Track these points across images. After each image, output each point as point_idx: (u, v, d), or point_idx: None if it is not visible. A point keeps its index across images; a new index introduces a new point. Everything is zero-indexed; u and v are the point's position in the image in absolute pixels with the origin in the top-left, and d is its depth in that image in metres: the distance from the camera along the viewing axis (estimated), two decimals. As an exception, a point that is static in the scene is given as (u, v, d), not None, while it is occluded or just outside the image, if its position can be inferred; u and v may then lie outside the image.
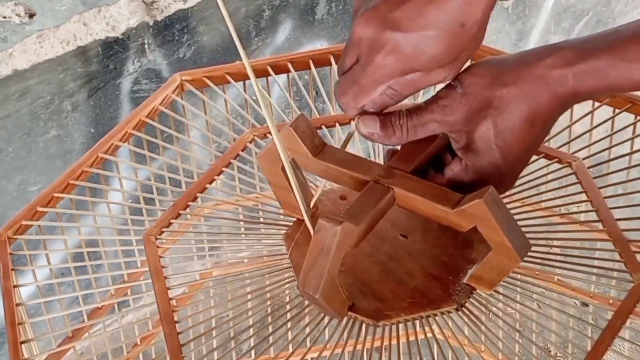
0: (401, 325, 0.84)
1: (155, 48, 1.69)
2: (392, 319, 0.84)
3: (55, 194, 1.05)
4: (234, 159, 1.09)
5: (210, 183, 1.05)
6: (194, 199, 1.04)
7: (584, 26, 2.78)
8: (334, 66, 1.20)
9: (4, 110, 1.49)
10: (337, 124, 1.14)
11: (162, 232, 0.99)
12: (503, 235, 0.76)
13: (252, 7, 1.81)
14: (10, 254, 1.00)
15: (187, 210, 1.03)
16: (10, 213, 1.54)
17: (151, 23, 1.65)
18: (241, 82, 1.20)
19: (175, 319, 0.89)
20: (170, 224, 1.00)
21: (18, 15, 1.44)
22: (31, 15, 1.46)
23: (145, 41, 1.66)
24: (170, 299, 0.91)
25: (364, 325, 0.85)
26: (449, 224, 0.80)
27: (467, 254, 0.89)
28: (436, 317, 0.85)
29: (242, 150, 1.10)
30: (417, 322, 0.84)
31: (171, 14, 1.68)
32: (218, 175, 1.06)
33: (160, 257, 0.95)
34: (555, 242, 0.98)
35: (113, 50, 1.61)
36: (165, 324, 0.88)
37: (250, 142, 1.11)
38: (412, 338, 0.85)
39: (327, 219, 0.76)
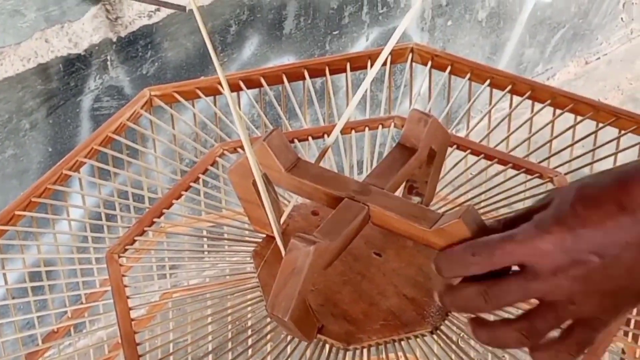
0: (373, 350, 0.81)
1: (118, 64, 1.66)
2: (363, 342, 0.81)
3: (17, 212, 1.01)
4: (202, 173, 1.05)
5: (177, 199, 1.01)
6: (160, 215, 0.99)
7: (560, 39, 2.78)
8: (307, 80, 1.18)
9: None
10: (310, 138, 1.11)
11: (125, 250, 0.94)
12: None
13: (218, 22, 1.78)
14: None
15: (152, 227, 0.98)
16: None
17: (114, 39, 1.63)
18: (211, 97, 1.17)
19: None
20: (134, 241, 0.95)
21: None
22: None
23: (108, 57, 1.63)
24: (132, 319, 0.86)
25: (333, 349, 0.81)
26: (426, 243, 0.76)
27: None
28: (409, 341, 0.81)
29: (212, 165, 1.06)
30: (390, 346, 0.81)
31: (135, 30, 1.66)
32: (186, 190, 1.02)
33: (123, 275, 0.91)
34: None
35: (75, 67, 1.58)
36: (126, 347, 0.83)
37: (220, 156, 1.07)
38: None
39: (300, 238, 0.73)
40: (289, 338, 0.83)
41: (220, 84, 1.14)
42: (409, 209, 0.78)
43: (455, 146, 1.07)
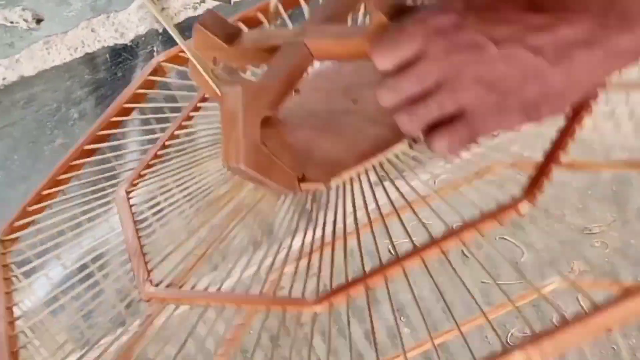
0: (355, 184, 0.79)
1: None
2: (343, 176, 0.79)
3: (45, 192, 1.06)
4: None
5: (182, 128, 1.04)
6: (164, 147, 1.02)
7: None
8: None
9: (10, 118, 1.49)
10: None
11: (135, 185, 0.98)
12: None
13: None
14: None
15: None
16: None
17: (160, 30, 1.64)
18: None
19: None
20: (141, 175, 0.99)
21: (25, 20, 1.45)
22: (39, 21, 1.47)
23: (154, 48, 1.65)
24: (137, 229, 0.89)
25: (317, 193, 0.80)
26: (367, 56, 0.73)
27: None
28: (391, 162, 0.79)
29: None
30: (371, 173, 0.79)
31: (181, 22, 1.66)
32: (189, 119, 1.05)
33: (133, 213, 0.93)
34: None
35: (121, 57, 1.60)
36: (134, 257, 0.86)
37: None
38: (366, 187, 0.78)
39: (227, 82, 0.74)
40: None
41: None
42: (340, 31, 0.78)
43: None
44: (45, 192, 1.05)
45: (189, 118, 1.05)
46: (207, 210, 0.87)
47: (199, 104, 1.06)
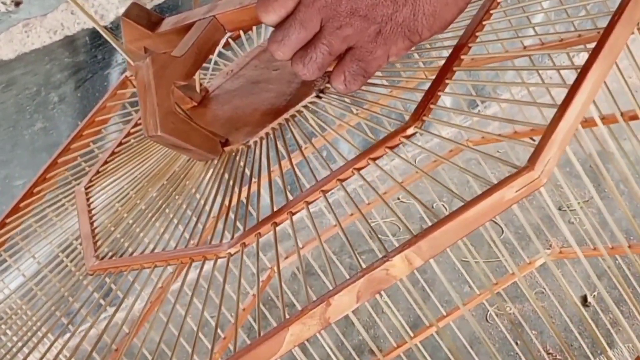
0: (271, 140, 0.83)
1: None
2: (260, 134, 0.83)
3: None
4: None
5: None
6: (120, 144, 1.08)
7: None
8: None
9: None
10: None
11: (92, 182, 1.03)
12: None
13: None
14: None
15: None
16: (-6, 207, 1.48)
17: (142, 11, 1.65)
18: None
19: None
20: (98, 172, 1.05)
21: (4, 3, 1.45)
22: (17, 4, 1.47)
23: (135, 30, 1.66)
24: (91, 216, 0.95)
25: (238, 153, 0.84)
26: None
27: None
28: (301, 114, 0.83)
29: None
30: (284, 127, 0.83)
31: (161, 2, 1.66)
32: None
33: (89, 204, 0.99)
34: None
35: (101, 39, 1.59)
36: (85, 240, 0.92)
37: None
38: (280, 142, 0.83)
39: (137, 56, 0.80)
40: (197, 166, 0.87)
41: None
42: (247, 0, 0.82)
43: None
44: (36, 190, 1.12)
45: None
46: (145, 186, 0.92)
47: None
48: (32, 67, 1.53)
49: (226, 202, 0.79)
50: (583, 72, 0.61)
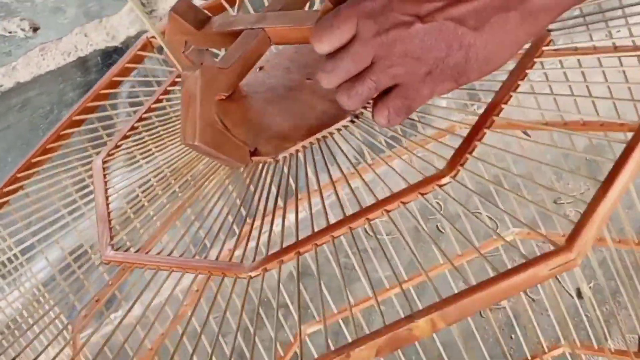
0: (301, 155, 0.84)
1: (154, 56, 1.71)
2: (290, 149, 0.84)
3: (34, 159, 1.13)
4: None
5: (157, 103, 1.09)
6: (140, 120, 1.08)
7: None
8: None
9: (5, 122, 1.54)
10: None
11: (111, 155, 1.04)
12: None
13: None
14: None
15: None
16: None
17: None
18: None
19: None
20: (118, 146, 1.05)
21: (23, 29, 1.50)
22: (35, 29, 1.52)
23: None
24: (107, 197, 0.96)
25: (265, 165, 0.85)
26: None
27: None
28: (333, 136, 0.84)
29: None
30: (315, 146, 0.84)
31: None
32: (164, 94, 1.11)
33: (106, 181, 0.99)
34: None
35: (112, 59, 1.65)
36: (100, 221, 0.92)
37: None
38: (309, 161, 0.84)
39: (188, 66, 0.80)
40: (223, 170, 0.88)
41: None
42: (297, 17, 0.83)
43: None
44: (34, 160, 1.12)
45: (166, 92, 1.11)
46: (169, 177, 0.93)
47: (176, 79, 1.12)
48: (46, 88, 1.58)
49: (249, 219, 0.81)
50: (628, 150, 0.63)
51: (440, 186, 0.71)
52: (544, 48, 0.82)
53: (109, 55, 1.65)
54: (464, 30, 0.70)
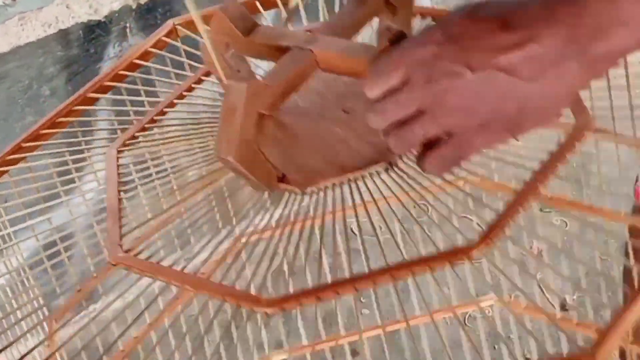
0: (329, 191, 0.84)
1: (137, 32, 1.70)
2: (319, 184, 0.84)
3: (42, 131, 1.09)
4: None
5: (180, 98, 1.07)
6: (162, 113, 1.05)
7: None
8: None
9: None
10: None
11: (126, 145, 1.00)
12: None
13: None
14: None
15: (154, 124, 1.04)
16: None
17: (134, 6, 1.67)
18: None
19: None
20: (135, 137, 1.01)
21: None
22: None
23: (128, 25, 1.67)
24: (120, 190, 0.93)
25: (291, 195, 0.85)
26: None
27: None
28: (365, 180, 0.83)
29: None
30: (345, 187, 0.84)
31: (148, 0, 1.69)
32: (188, 90, 1.08)
33: (119, 173, 0.97)
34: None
35: (95, 33, 1.63)
36: (110, 216, 0.90)
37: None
38: (338, 202, 0.83)
39: (234, 78, 0.78)
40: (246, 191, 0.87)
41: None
42: (350, 47, 0.82)
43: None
44: (42, 132, 1.09)
45: (190, 89, 1.08)
46: (188, 186, 0.92)
47: (201, 77, 1.09)
48: (25, 61, 1.56)
49: (269, 250, 0.80)
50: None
51: (470, 259, 0.71)
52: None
53: (92, 30, 1.63)
54: (517, 81, 0.67)
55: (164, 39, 1.16)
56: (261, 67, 1.00)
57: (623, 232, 1.05)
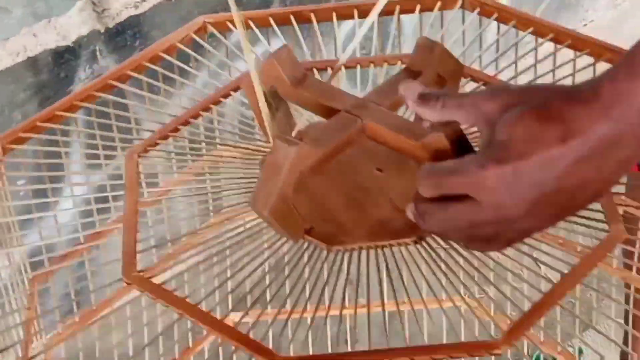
0: (355, 253, 0.84)
1: (108, 54, 1.70)
2: (346, 245, 0.84)
3: (57, 112, 1.06)
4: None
5: (206, 110, 1.05)
6: (186, 124, 1.03)
7: (546, 9, 2.60)
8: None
9: None
10: (329, 68, 1.11)
11: (146, 151, 0.98)
12: None
13: (205, 9, 1.77)
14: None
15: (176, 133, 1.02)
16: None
17: (102, 30, 1.67)
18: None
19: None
20: (156, 143, 1.00)
21: None
22: None
23: (97, 48, 1.68)
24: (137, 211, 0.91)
25: (316, 249, 0.85)
26: (415, 157, 0.79)
27: None
28: (392, 248, 0.83)
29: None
30: (372, 251, 0.84)
31: (123, 21, 1.71)
32: (215, 104, 1.06)
33: (139, 173, 0.95)
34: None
35: (64, 58, 1.63)
36: (126, 230, 0.88)
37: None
38: (363, 266, 0.84)
39: (284, 139, 0.78)
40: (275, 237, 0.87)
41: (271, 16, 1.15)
42: (401, 124, 0.82)
43: (469, 78, 1.07)
44: (58, 113, 1.06)
45: (218, 102, 1.07)
46: (214, 217, 0.92)
47: (230, 92, 1.07)
48: None
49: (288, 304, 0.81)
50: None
51: (492, 354, 0.73)
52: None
53: (61, 55, 1.64)
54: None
55: (192, 35, 1.14)
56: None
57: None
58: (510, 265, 0.85)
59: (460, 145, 0.75)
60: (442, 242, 0.84)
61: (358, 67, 1.12)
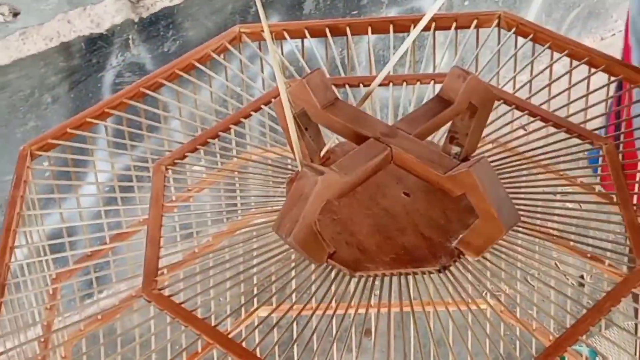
0: (378, 279, 0.84)
1: (140, 43, 1.72)
2: (370, 271, 0.84)
3: (88, 119, 1.06)
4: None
5: (236, 124, 1.04)
6: (215, 137, 1.02)
7: (575, 17, 2.73)
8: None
9: None
10: (361, 85, 1.10)
11: (174, 163, 0.98)
12: (489, 205, 0.77)
13: (239, 4, 1.81)
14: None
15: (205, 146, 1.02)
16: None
17: (136, 20, 1.69)
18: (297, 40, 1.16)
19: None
20: (184, 156, 0.99)
21: (2, 14, 1.50)
22: (15, 14, 1.52)
23: (130, 37, 1.70)
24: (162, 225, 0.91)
25: (340, 274, 0.84)
26: (442, 188, 0.80)
27: (465, 219, 0.87)
28: (416, 276, 0.83)
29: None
30: (395, 279, 0.83)
31: (157, 11, 1.73)
32: (245, 117, 1.06)
33: (165, 186, 0.95)
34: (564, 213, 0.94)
35: (97, 45, 1.65)
36: (149, 245, 0.88)
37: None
38: (385, 292, 0.83)
39: (310, 168, 0.78)
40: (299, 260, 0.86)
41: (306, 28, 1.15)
42: (429, 154, 0.82)
43: (502, 101, 1.06)
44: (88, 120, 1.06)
45: (248, 116, 1.06)
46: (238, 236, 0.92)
47: (262, 105, 1.07)
48: (27, 71, 1.58)
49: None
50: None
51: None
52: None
53: (94, 42, 1.66)
54: None
55: (226, 44, 1.13)
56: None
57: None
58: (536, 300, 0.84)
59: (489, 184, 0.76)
60: (468, 275, 0.84)
61: (391, 85, 1.11)
